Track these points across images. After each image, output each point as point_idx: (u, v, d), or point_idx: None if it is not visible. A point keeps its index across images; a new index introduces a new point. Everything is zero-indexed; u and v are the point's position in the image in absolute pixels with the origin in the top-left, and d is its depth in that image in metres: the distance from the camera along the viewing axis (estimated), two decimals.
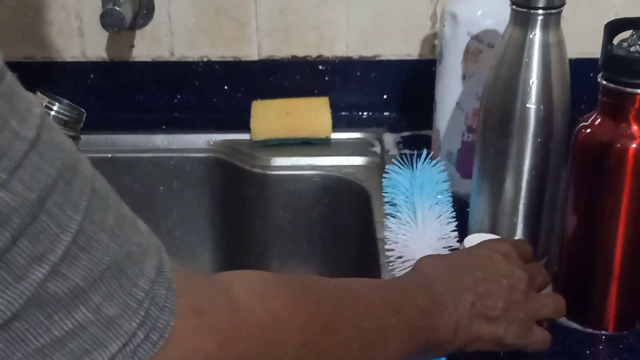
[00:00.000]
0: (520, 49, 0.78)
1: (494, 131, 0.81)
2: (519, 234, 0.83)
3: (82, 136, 1.02)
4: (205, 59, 1.19)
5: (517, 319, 0.66)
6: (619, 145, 0.70)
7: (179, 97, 1.21)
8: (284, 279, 0.54)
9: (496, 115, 0.81)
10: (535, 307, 0.68)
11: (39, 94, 0.81)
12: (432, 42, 1.17)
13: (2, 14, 1.17)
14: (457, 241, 0.86)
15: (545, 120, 0.79)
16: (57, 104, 0.82)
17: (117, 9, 1.05)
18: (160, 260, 0.45)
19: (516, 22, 0.78)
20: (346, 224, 1.09)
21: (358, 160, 1.10)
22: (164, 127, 1.16)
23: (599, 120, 0.72)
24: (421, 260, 0.69)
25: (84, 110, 0.83)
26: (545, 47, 0.77)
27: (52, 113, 0.81)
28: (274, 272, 0.55)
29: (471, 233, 0.87)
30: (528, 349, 0.68)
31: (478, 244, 0.72)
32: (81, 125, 0.84)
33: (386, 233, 0.88)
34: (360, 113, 1.21)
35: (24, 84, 0.92)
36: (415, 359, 0.61)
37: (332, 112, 1.13)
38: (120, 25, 1.06)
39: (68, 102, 0.83)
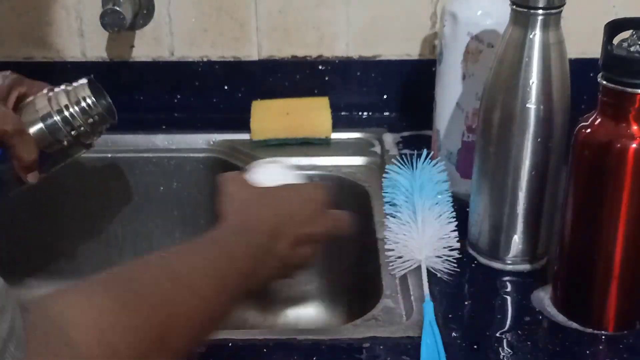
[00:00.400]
0: (520, 49, 0.78)
1: (494, 131, 0.81)
2: (519, 234, 0.83)
3: None
4: (205, 59, 1.19)
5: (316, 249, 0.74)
6: (618, 145, 0.70)
7: (179, 97, 1.21)
8: (114, 298, 0.54)
9: (496, 115, 0.81)
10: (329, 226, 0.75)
11: (85, 82, 0.81)
12: (432, 42, 1.17)
13: (2, 14, 1.17)
14: (457, 240, 0.86)
15: (545, 120, 0.79)
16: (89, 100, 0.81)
17: (117, 9, 1.05)
18: (12, 319, 0.46)
19: (516, 22, 0.78)
20: None
21: (358, 160, 1.10)
22: (164, 127, 1.16)
23: (599, 120, 0.72)
24: (236, 196, 0.72)
25: (112, 120, 0.84)
26: (545, 47, 0.77)
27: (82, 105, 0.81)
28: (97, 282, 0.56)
29: (471, 232, 0.87)
30: (334, 232, 0.75)
31: (295, 186, 0.76)
32: (100, 131, 0.85)
33: (386, 233, 0.88)
34: (360, 113, 1.21)
35: None
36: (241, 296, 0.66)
37: (332, 112, 1.13)
38: (120, 25, 1.06)
39: (107, 104, 0.83)
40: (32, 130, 0.80)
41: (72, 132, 0.82)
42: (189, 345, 0.59)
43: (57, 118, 0.81)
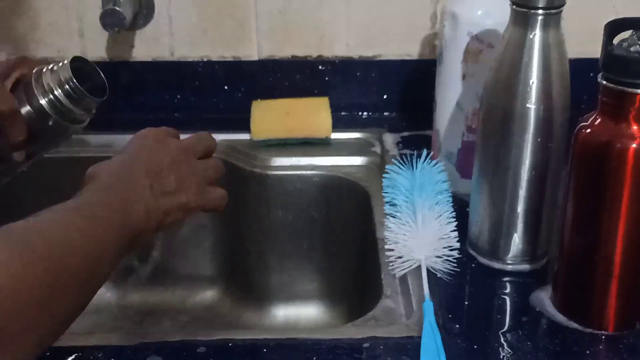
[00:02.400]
0: (520, 49, 0.78)
1: (494, 131, 0.81)
2: (519, 234, 0.83)
3: (82, 137, 1.02)
4: (205, 59, 1.19)
5: (192, 184, 0.72)
6: (618, 145, 0.70)
7: (179, 97, 1.21)
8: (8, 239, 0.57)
9: (496, 115, 0.81)
10: (202, 170, 0.74)
11: (67, 63, 0.79)
12: (432, 42, 1.17)
13: (2, 15, 1.17)
14: (457, 240, 0.86)
15: (545, 120, 0.79)
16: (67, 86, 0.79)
17: (117, 9, 1.05)
18: None
19: (516, 22, 0.78)
20: (346, 224, 1.09)
21: (358, 160, 1.10)
22: (164, 127, 1.16)
23: (599, 120, 0.72)
24: (93, 171, 0.71)
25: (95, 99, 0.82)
26: (545, 47, 0.77)
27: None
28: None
29: (471, 232, 0.87)
30: (209, 206, 0.75)
31: (132, 139, 0.75)
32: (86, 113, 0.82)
33: (386, 233, 0.88)
34: (360, 113, 1.21)
35: None
36: (122, 254, 0.65)
37: (332, 112, 1.13)
38: (120, 25, 1.06)
39: (93, 84, 0.82)
40: (22, 110, 0.80)
41: (60, 114, 0.81)
42: (80, 292, 0.60)
43: (42, 101, 0.80)
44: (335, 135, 1.13)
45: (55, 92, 0.79)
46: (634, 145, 0.70)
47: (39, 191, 1.14)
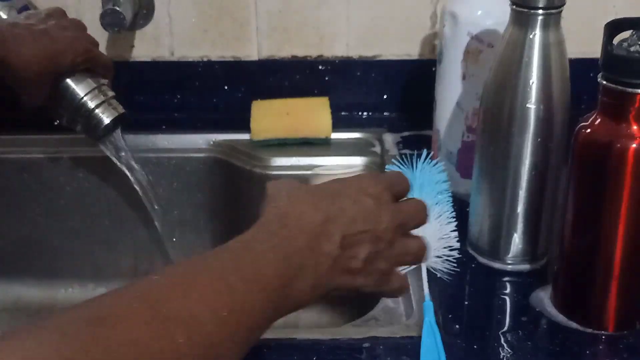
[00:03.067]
0: (520, 49, 0.78)
1: (494, 131, 0.82)
2: (519, 234, 0.83)
3: (82, 136, 1.03)
4: (205, 59, 1.19)
5: (378, 270, 0.61)
6: (619, 145, 0.70)
7: (179, 97, 1.21)
8: (73, 347, 0.43)
9: (496, 115, 0.81)
10: (398, 255, 0.63)
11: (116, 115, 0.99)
12: (432, 42, 1.17)
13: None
14: (457, 240, 0.86)
15: (545, 120, 0.79)
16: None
17: (117, 9, 1.05)
18: None
19: (516, 22, 0.78)
20: None
21: (358, 160, 1.10)
22: (164, 127, 1.16)
23: (599, 120, 0.72)
24: (278, 195, 0.61)
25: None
26: (545, 47, 0.77)
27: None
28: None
29: (471, 232, 0.87)
30: (384, 295, 0.67)
31: (349, 179, 0.64)
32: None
33: None
34: (360, 113, 1.21)
35: None
36: (267, 325, 0.56)
37: (332, 112, 1.13)
38: (120, 25, 1.06)
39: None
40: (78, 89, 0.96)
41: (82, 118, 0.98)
42: None
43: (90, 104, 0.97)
44: (335, 135, 1.13)
45: (95, 112, 0.97)
46: (634, 145, 0.70)
47: (40, 191, 1.14)
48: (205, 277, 0.52)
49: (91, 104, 0.97)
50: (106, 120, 0.98)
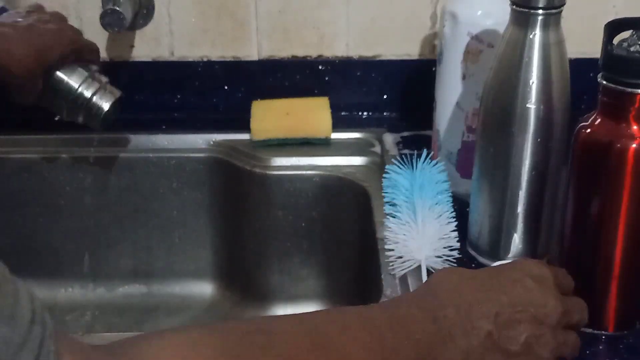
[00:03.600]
0: (520, 49, 0.78)
1: (494, 131, 0.81)
2: (519, 234, 0.83)
3: (82, 136, 1.03)
4: (205, 59, 1.19)
5: (537, 358, 0.57)
6: (619, 146, 0.70)
7: (179, 97, 1.21)
8: (224, 350, 0.44)
9: (496, 115, 0.81)
10: (560, 344, 0.59)
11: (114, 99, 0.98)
12: (432, 42, 1.17)
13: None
14: (457, 240, 0.86)
15: (545, 120, 0.79)
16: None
17: (117, 9, 1.05)
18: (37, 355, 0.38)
19: (516, 22, 0.78)
20: (346, 224, 1.09)
21: (358, 160, 1.10)
22: (164, 127, 1.16)
23: (599, 120, 0.72)
24: (437, 275, 0.59)
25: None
26: (545, 47, 0.77)
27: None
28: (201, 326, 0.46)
29: (471, 232, 0.87)
30: (567, 322, 0.60)
31: (511, 263, 0.63)
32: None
33: (386, 233, 0.88)
34: (360, 113, 1.21)
35: None
36: None
37: (332, 112, 1.13)
38: (120, 25, 1.06)
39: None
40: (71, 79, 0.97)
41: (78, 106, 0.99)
42: None
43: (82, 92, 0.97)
44: (335, 135, 1.13)
45: (93, 99, 0.98)
46: (634, 145, 0.70)
47: (39, 191, 1.14)
48: (358, 322, 0.51)
49: (87, 93, 0.98)
50: (105, 106, 0.99)
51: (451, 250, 0.85)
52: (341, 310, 0.52)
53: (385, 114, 1.21)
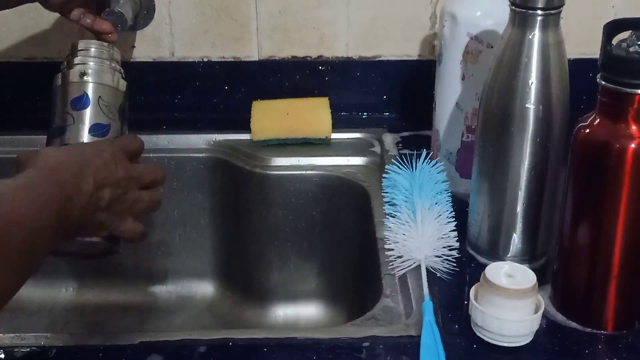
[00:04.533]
0: (520, 49, 0.78)
1: (493, 131, 0.82)
2: (518, 234, 0.84)
3: None
4: (205, 60, 1.19)
5: (117, 211, 0.75)
6: (617, 146, 0.70)
7: (179, 97, 1.21)
8: None
9: (495, 115, 0.81)
10: (133, 201, 0.77)
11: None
12: (432, 42, 1.17)
13: (3, 15, 1.17)
14: (457, 240, 0.86)
15: (544, 120, 0.79)
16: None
17: (118, 9, 1.05)
18: None
19: (515, 22, 0.78)
20: (346, 223, 1.09)
21: (358, 160, 1.10)
22: (164, 127, 1.17)
23: (598, 120, 0.72)
24: (42, 154, 0.73)
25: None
26: (544, 47, 0.77)
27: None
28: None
29: (470, 232, 0.88)
30: (123, 235, 0.78)
31: (91, 143, 0.79)
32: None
33: (386, 233, 0.88)
34: (360, 113, 1.21)
35: (25, 84, 0.93)
36: (54, 242, 0.68)
37: (332, 112, 1.13)
38: (121, 25, 1.06)
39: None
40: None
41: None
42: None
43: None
44: (335, 135, 1.13)
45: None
46: (632, 145, 0.70)
47: None
48: (22, 192, 0.65)
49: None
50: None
51: (450, 249, 0.85)
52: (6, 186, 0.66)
53: (385, 114, 1.21)
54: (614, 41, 0.70)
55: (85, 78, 0.84)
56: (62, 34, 1.17)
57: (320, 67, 1.19)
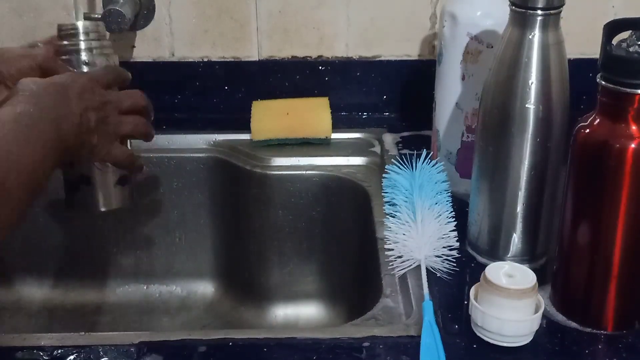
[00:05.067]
0: (520, 49, 0.78)
1: (493, 131, 0.82)
2: (518, 234, 0.84)
3: None
4: (205, 60, 1.19)
5: (104, 132, 0.80)
6: (617, 146, 0.70)
7: (179, 97, 1.21)
8: None
9: (495, 115, 0.81)
10: (117, 123, 0.82)
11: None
12: (432, 42, 1.17)
13: (2, 15, 1.17)
14: (457, 240, 0.86)
15: (544, 120, 0.79)
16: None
17: (118, 9, 1.05)
18: None
19: (515, 22, 0.78)
20: (346, 224, 1.09)
21: (358, 160, 1.10)
22: (164, 127, 1.17)
23: (598, 120, 0.72)
24: (24, 82, 0.75)
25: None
26: (544, 47, 0.77)
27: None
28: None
29: (470, 232, 0.88)
30: (115, 160, 0.83)
31: (62, 75, 0.81)
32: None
33: (386, 233, 0.88)
34: (360, 113, 1.21)
35: None
36: (53, 168, 0.72)
37: (332, 112, 1.13)
38: (121, 25, 1.06)
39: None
40: None
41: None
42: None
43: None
44: (335, 135, 1.13)
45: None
46: (632, 145, 0.70)
47: None
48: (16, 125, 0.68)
49: None
50: None
51: (451, 249, 0.85)
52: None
53: (384, 114, 1.21)
54: (614, 41, 0.70)
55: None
56: None
57: (320, 67, 1.19)
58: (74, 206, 0.89)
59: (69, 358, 0.73)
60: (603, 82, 0.71)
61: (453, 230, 0.87)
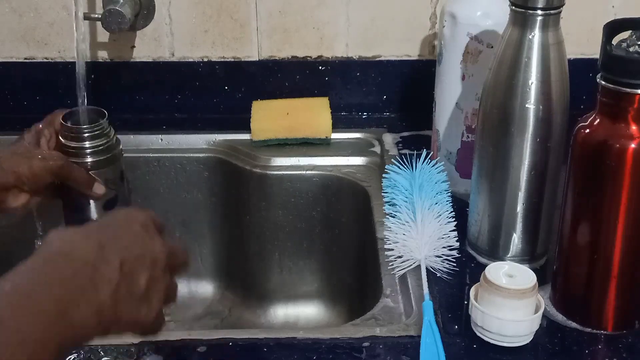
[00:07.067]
0: (520, 49, 0.78)
1: (493, 131, 0.82)
2: (518, 234, 0.84)
3: None
4: (205, 60, 1.19)
5: (157, 297, 0.61)
6: (617, 145, 0.70)
7: (179, 97, 1.21)
8: None
9: (495, 115, 0.81)
10: (167, 286, 0.62)
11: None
12: (432, 42, 1.17)
13: (3, 14, 1.17)
14: (457, 240, 0.86)
15: (544, 120, 0.79)
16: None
17: (118, 9, 1.05)
18: None
19: (515, 22, 0.78)
20: (346, 224, 1.09)
21: (358, 160, 1.10)
22: (164, 127, 1.17)
23: (597, 120, 0.72)
24: (55, 237, 0.60)
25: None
26: (544, 47, 0.77)
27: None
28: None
29: (470, 232, 0.88)
30: (153, 330, 0.64)
31: (115, 212, 0.66)
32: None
33: (386, 233, 0.88)
34: (360, 113, 1.21)
35: (25, 85, 0.93)
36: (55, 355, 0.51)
37: (332, 112, 1.13)
38: (121, 25, 1.06)
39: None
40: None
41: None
42: None
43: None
44: (335, 135, 1.13)
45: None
46: (632, 145, 0.70)
47: None
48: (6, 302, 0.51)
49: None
50: None
51: (450, 249, 0.85)
52: None
53: (384, 114, 1.21)
54: (614, 41, 0.70)
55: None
56: (63, 34, 1.17)
57: (320, 67, 1.19)
58: None
59: (69, 358, 0.73)
60: (603, 82, 0.71)
61: (453, 230, 0.87)
